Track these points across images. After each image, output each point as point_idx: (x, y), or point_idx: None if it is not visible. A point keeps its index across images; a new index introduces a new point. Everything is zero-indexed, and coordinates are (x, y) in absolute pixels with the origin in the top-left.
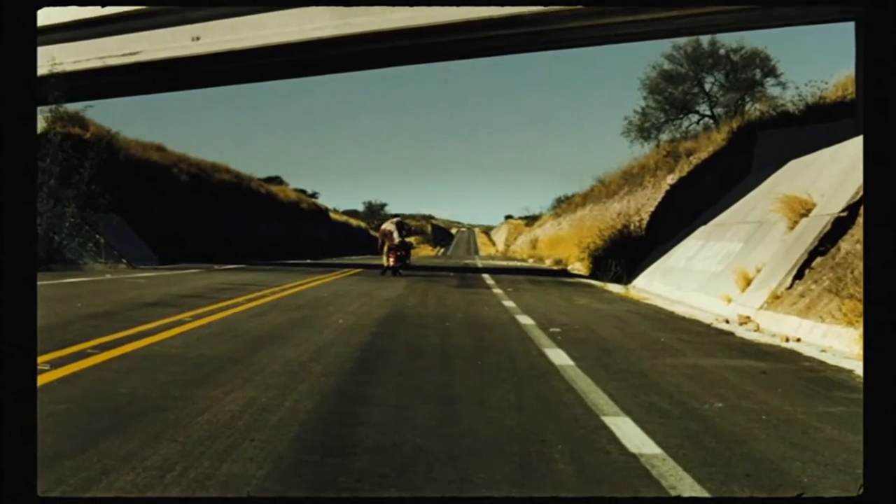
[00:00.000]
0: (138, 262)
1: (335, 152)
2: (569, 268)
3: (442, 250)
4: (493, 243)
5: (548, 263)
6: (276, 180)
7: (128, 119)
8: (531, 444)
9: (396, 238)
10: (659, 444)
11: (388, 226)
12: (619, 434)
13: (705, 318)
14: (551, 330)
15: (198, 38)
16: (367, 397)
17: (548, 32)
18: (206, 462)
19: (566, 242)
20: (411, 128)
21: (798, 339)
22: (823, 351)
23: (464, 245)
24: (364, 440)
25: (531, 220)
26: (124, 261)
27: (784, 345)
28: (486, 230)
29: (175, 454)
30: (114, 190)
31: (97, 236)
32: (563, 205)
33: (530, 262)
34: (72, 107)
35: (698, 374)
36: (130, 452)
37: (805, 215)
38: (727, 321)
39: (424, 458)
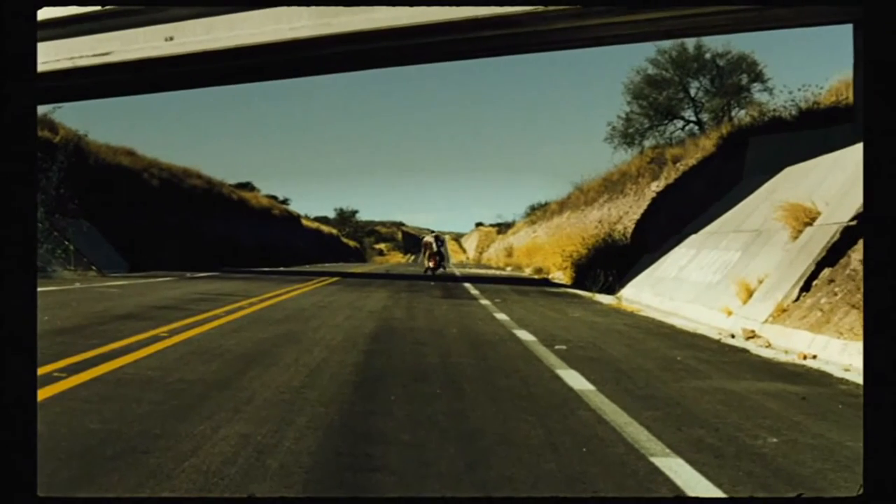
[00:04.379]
0: (108, 270)
1: (306, 158)
2: (549, 277)
3: (413, 257)
4: (464, 251)
5: (527, 272)
6: (247, 186)
7: (97, 122)
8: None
9: (435, 248)
10: (730, 494)
11: (429, 239)
12: (679, 482)
13: (709, 333)
14: (556, 347)
15: (171, 39)
16: (377, 433)
17: (535, 34)
18: None
19: (544, 251)
20: (382, 134)
21: (814, 356)
22: (846, 370)
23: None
24: (385, 494)
25: (503, 227)
26: (94, 268)
27: (806, 363)
28: (457, 237)
29: None
30: (83, 195)
31: (66, 242)
32: (538, 212)
33: (508, 271)
34: (40, 109)
35: (734, 400)
36: None
37: (809, 224)
38: (732, 336)
39: None
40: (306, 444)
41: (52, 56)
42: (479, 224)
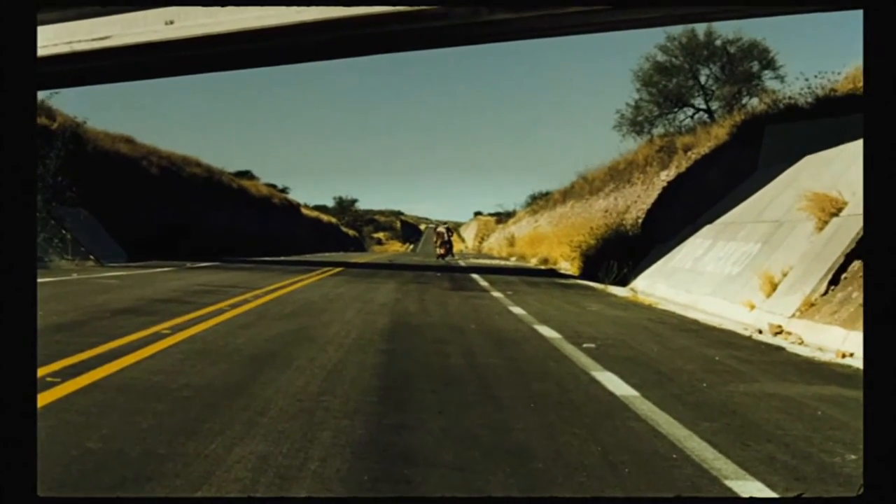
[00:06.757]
0: (107, 260)
1: (305, 147)
2: (556, 267)
3: (411, 247)
4: (462, 240)
5: (533, 262)
6: (247, 175)
7: (94, 108)
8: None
9: (446, 238)
10: None
11: (441, 229)
12: None
13: (736, 328)
14: (584, 346)
15: (171, 22)
16: (412, 452)
17: (546, 18)
18: None
19: (549, 241)
20: (382, 123)
21: (851, 354)
22: None
23: (432, 242)
24: None
25: (503, 216)
26: (92, 258)
27: (850, 363)
28: (455, 227)
29: None
30: (81, 183)
31: (63, 231)
32: (540, 202)
33: (513, 261)
34: (37, 95)
35: (791, 408)
36: None
37: (836, 214)
38: (760, 331)
39: None
40: (335, 466)
41: (49, 40)
42: (477, 213)
